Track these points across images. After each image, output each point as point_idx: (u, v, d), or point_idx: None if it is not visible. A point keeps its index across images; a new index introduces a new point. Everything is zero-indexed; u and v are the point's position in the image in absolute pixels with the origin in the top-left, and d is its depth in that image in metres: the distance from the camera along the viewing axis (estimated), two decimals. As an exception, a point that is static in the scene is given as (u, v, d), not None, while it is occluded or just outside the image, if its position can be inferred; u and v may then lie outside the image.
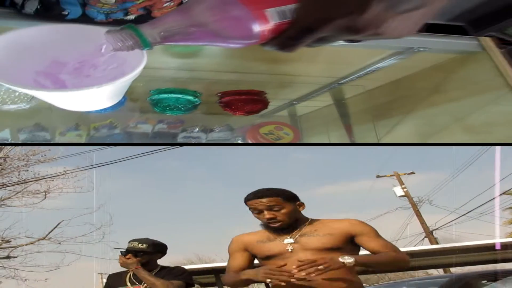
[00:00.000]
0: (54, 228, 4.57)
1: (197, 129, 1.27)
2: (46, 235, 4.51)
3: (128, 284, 1.15)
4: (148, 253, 1.15)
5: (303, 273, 0.78)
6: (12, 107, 1.03)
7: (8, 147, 4.19)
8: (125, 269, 1.16)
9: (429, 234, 5.20)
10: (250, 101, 1.20)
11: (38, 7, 0.71)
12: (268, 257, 0.89)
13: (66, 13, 0.72)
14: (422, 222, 5.29)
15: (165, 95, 1.10)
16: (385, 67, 1.09)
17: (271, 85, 1.27)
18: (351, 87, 1.35)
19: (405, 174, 5.85)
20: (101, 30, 0.51)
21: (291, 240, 0.89)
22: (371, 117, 1.42)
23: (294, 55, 1.06)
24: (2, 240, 4.38)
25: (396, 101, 1.35)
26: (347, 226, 0.89)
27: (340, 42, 0.84)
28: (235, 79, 1.21)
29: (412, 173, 5.87)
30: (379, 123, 1.39)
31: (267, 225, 0.91)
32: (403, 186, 5.61)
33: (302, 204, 0.95)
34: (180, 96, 1.12)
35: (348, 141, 1.44)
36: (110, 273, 1.26)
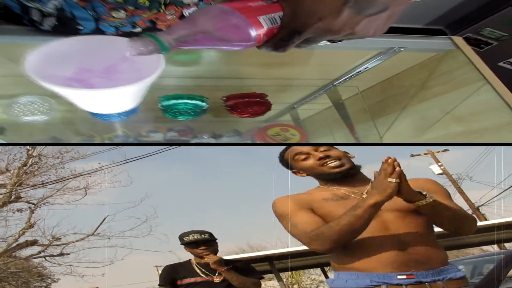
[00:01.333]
0: (101, 223, 4.68)
1: (207, 135, 1.35)
2: (94, 231, 4.62)
3: (201, 274, 1.14)
4: (210, 242, 1.15)
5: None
6: (31, 118, 1.12)
7: (40, 146, 4.22)
8: (183, 260, 1.17)
9: (476, 211, 5.12)
10: (254, 103, 1.28)
11: (56, 23, 0.84)
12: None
13: (81, 28, 0.85)
14: (466, 199, 5.19)
15: (174, 101, 1.19)
16: (373, 67, 1.21)
17: (271, 89, 1.38)
18: (345, 88, 1.46)
19: (439, 152, 5.78)
20: (121, 39, 0.63)
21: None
22: (369, 116, 1.52)
23: (289, 59, 1.19)
24: (52, 238, 4.50)
25: (389, 99, 1.46)
26: (422, 184, 0.80)
27: (330, 46, 0.96)
28: (235, 85, 1.33)
29: (446, 150, 5.80)
30: (377, 121, 1.49)
31: (325, 176, 0.80)
32: (439, 163, 5.54)
33: (350, 154, 0.85)
34: (188, 101, 1.20)
35: (353, 140, 1.51)
36: (164, 264, 1.23)
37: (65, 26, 0.84)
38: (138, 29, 0.89)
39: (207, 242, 1.16)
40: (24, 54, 0.79)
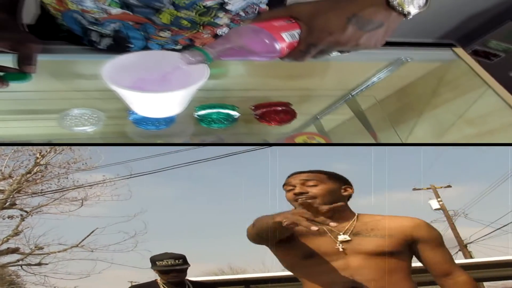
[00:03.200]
0: (88, 235, 4.77)
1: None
2: (79, 243, 4.70)
3: None
4: (182, 270, 1.17)
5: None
6: (81, 129, 1.23)
7: (51, 154, 4.37)
8: (153, 279, 1.19)
9: (464, 248, 5.22)
10: (280, 111, 1.43)
11: (111, 42, 1.05)
12: (311, 255, 0.78)
13: (132, 46, 1.05)
14: (457, 236, 5.32)
15: (209, 110, 1.33)
16: (386, 78, 1.37)
17: (294, 100, 1.55)
18: (363, 98, 1.62)
19: (441, 187, 5.91)
20: (171, 53, 0.82)
21: (347, 238, 0.78)
22: (389, 124, 1.67)
23: (308, 71, 1.36)
24: (35, 247, 4.58)
25: (406, 107, 1.61)
26: (411, 229, 0.80)
27: (345, 58, 1.14)
28: (261, 96, 1.50)
29: (449, 186, 5.93)
30: (398, 128, 1.64)
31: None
32: (439, 199, 5.68)
33: (349, 189, 0.86)
34: (221, 110, 1.34)
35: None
36: (141, 282, 1.26)
37: (119, 45, 1.04)
38: (179, 46, 1.08)
39: (178, 270, 1.19)
40: (84, 70, 1.00)
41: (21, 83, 0.89)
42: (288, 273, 0.83)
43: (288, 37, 0.74)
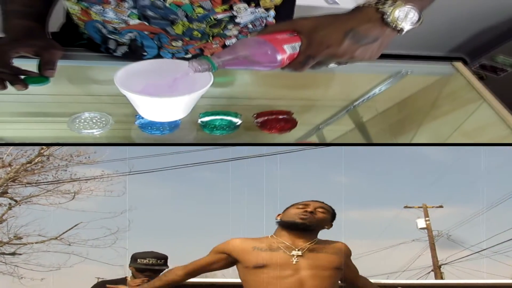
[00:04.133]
0: (70, 229, 4.59)
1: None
2: (59, 235, 4.54)
3: None
4: (160, 271, 1.16)
5: None
6: (89, 131, 1.26)
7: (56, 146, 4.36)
8: (123, 277, 1.18)
9: (437, 268, 5.27)
10: (281, 120, 1.46)
11: (127, 50, 1.13)
12: (261, 266, 0.82)
13: (145, 54, 1.13)
14: (434, 256, 5.37)
15: (212, 117, 1.36)
16: (387, 90, 1.45)
17: (297, 109, 1.61)
18: (365, 109, 1.69)
19: (433, 207, 5.97)
20: (179, 61, 0.90)
21: (299, 253, 0.84)
22: (389, 135, 1.74)
23: (313, 82, 1.43)
24: (14, 237, 4.49)
25: (406, 119, 1.68)
26: (345, 248, 0.89)
27: (346, 70, 1.21)
28: (266, 104, 1.55)
29: (441, 206, 5.98)
30: (398, 139, 1.71)
31: (290, 224, 0.87)
32: (426, 218, 5.72)
33: (331, 226, 0.94)
34: (224, 117, 1.38)
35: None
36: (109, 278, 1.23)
37: (134, 53, 1.12)
38: (189, 55, 1.16)
39: (155, 271, 1.18)
40: (99, 75, 1.07)
41: (38, 86, 0.97)
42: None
43: (289, 49, 0.81)
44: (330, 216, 0.91)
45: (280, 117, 1.49)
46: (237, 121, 1.42)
